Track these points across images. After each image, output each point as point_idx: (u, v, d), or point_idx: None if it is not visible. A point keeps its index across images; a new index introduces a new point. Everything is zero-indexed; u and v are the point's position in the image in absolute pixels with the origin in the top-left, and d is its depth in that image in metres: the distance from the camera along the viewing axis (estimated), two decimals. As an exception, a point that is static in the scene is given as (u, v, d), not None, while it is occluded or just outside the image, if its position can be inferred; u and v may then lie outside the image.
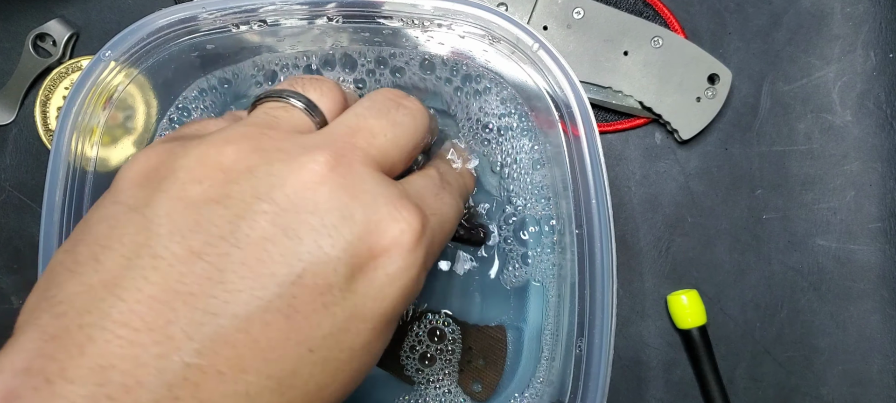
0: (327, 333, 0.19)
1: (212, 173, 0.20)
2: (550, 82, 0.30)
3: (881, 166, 0.36)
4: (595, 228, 0.29)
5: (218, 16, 0.30)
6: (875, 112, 0.36)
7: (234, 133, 0.21)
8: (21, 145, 0.37)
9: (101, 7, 0.38)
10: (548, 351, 0.33)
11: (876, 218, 0.36)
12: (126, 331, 0.17)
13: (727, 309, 0.36)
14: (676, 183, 0.37)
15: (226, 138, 0.21)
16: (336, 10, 0.30)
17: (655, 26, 0.35)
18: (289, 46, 0.33)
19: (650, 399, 0.36)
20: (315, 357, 0.19)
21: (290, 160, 0.20)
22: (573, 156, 0.30)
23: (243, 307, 0.18)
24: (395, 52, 0.33)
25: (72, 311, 0.18)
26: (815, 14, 0.37)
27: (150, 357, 0.17)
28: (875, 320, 0.36)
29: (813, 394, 0.36)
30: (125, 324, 0.18)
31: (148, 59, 0.31)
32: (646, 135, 0.37)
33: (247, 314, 0.18)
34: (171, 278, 0.18)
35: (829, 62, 0.37)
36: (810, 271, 0.36)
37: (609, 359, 0.29)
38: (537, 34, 0.30)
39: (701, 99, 0.35)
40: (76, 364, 0.17)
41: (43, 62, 0.37)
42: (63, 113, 0.29)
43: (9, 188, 0.37)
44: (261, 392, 0.18)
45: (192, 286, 0.18)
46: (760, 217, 0.36)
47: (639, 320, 0.36)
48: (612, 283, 0.29)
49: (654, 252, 0.37)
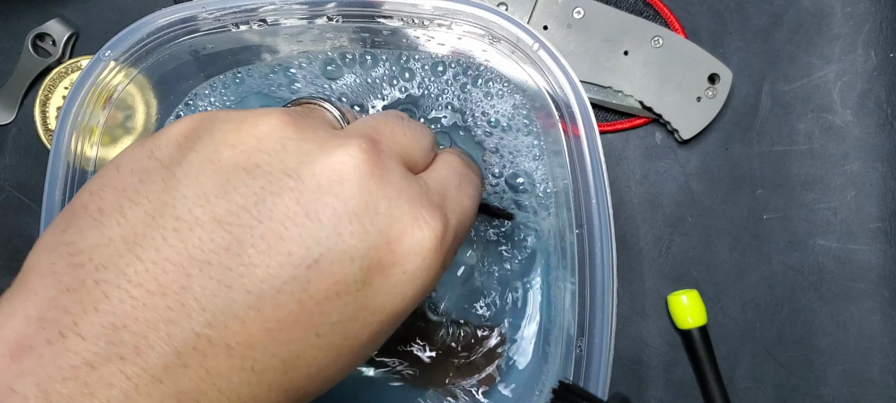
0: (336, 321, 0.20)
1: (245, 139, 0.20)
2: (550, 82, 0.30)
3: (882, 166, 0.36)
4: (595, 228, 0.29)
5: (218, 15, 0.30)
6: (876, 112, 0.36)
7: (274, 111, 0.22)
8: (21, 145, 0.37)
9: (100, 7, 0.38)
10: (548, 352, 0.33)
11: (876, 218, 0.36)
12: (140, 292, 0.18)
13: (727, 309, 0.36)
14: (677, 182, 0.37)
15: (266, 112, 0.21)
16: (336, 9, 0.30)
17: (655, 26, 0.35)
18: (289, 46, 0.33)
19: (650, 399, 0.36)
20: (321, 341, 0.19)
21: (322, 142, 0.21)
22: (573, 156, 0.30)
23: (257, 284, 0.18)
24: (401, 53, 0.33)
25: (89, 264, 0.18)
26: (816, 14, 0.37)
27: (161, 321, 0.17)
28: (875, 320, 0.36)
29: (813, 394, 0.36)
30: (140, 285, 0.18)
31: (148, 59, 0.31)
32: (646, 135, 0.37)
33: (260, 292, 0.18)
34: (191, 243, 0.18)
35: (830, 62, 0.37)
36: (811, 271, 0.36)
37: (609, 359, 0.29)
38: (537, 34, 0.30)
39: (701, 99, 0.35)
40: (90, 320, 0.17)
41: (43, 62, 0.37)
42: (63, 113, 0.29)
43: (8, 188, 0.37)
44: (265, 370, 0.19)
45: (210, 254, 0.18)
46: (761, 217, 0.36)
47: (639, 320, 0.36)
48: (612, 283, 0.29)
49: (654, 252, 0.36)
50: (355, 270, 0.20)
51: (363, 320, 0.20)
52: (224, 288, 0.18)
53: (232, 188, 0.19)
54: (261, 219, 0.19)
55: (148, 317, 0.17)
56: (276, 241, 0.19)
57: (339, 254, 0.19)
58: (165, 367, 0.17)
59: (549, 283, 0.33)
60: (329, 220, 0.19)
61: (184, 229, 0.18)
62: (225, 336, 0.18)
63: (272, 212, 0.19)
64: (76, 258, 0.18)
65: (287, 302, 0.19)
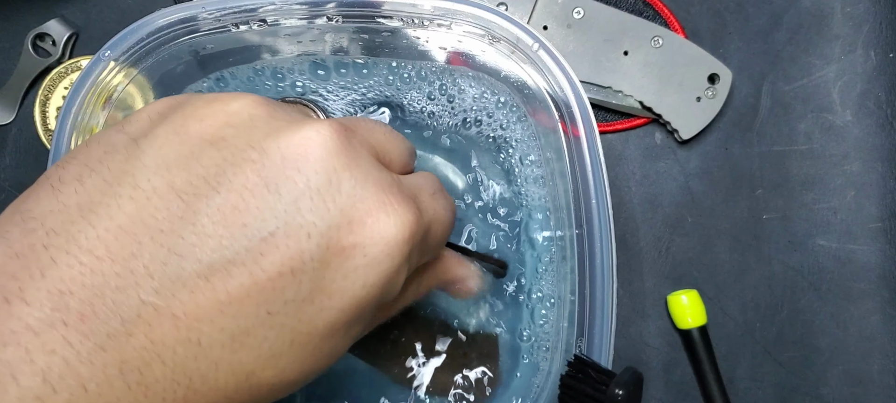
0: (289, 299, 0.19)
1: (214, 114, 0.20)
2: (550, 82, 0.30)
3: (881, 166, 0.36)
4: (595, 228, 0.29)
5: (218, 15, 0.30)
6: (875, 112, 0.36)
7: (249, 94, 0.21)
8: (21, 145, 0.37)
9: (100, 7, 0.38)
10: (548, 351, 0.33)
11: (876, 218, 0.36)
12: (89, 259, 0.17)
13: (727, 309, 0.36)
14: (676, 183, 0.37)
15: (240, 93, 0.21)
16: (336, 9, 0.30)
17: (655, 26, 0.35)
18: (288, 46, 0.33)
19: (650, 399, 0.36)
20: (272, 321, 0.19)
21: (292, 120, 0.20)
22: (573, 156, 0.30)
23: (209, 254, 0.18)
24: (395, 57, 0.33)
25: (41, 229, 0.18)
26: (816, 14, 0.37)
27: (108, 288, 0.17)
28: (875, 320, 0.36)
29: (813, 394, 0.36)
30: (90, 251, 0.17)
31: (147, 59, 0.31)
32: (646, 135, 0.37)
33: (211, 262, 0.18)
34: (145, 211, 0.18)
35: (830, 62, 0.37)
36: (810, 271, 0.36)
37: (609, 359, 0.29)
38: (537, 34, 0.30)
39: (701, 99, 0.35)
40: (36, 285, 0.17)
41: (42, 62, 0.37)
42: (63, 112, 0.29)
43: (8, 188, 0.37)
44: (212, 345, 0.18)
45: (163, 223, 0.18)
46: (761, 217, 0.36)
47: (639, 320, 0.36)
48: (612, 283, 0.29)
49: (654, 252, 0.36)
50: (312, 247, 0.19)
51: (319, 303, 0.20)
52: (174, 256, 0.18)
53: (194, 159, 0.19)
54: (219, 190, 0.18)
55: (95, 283, 0.17)
56: (232, 212, 0.18)
57: (295, 229, 0.19)
58: (109, 335, 0.17)
59: (548, 284, 0.33)
60: (288, 194, 0.19)
61: (140, 197, 0.18)
62: (172, 305, 0.18)
63: (231, 183, 0.19)
64: (29, 224, 0.18)
65: (238, 273, 0.18)
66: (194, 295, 0.18)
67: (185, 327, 0.18)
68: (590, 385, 0.27)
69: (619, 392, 0.26)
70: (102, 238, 0.18)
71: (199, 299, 0.18)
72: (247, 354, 0.19)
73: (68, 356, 0.17)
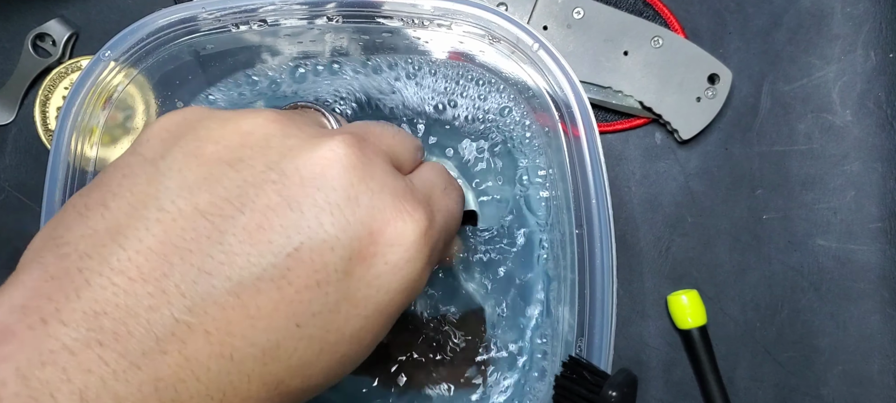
0: (317, 311, 0.20)
1: (229, 135, 0.21)
2: (550, 82, 0.30)
3: (881, 166, 0.36)
4: (595, 228, 0.29)
5: (218, 16, 0.30)
6: (875, 112, 0.36)
7: (260, 110, 0.22)
8: (21, 145, 0.37)
9: (101, 7, 0.38)
10: (547, 352, 0.33)
11: (876, 218, 0.36)
12: (122, 279, 0.18)
13: (727, 309, 0.36)
14: (676, 183, 0.37)
15: (251, 111, 0.22)
16: (336, 9, 0.30)
17: (655, 26, 0.35)
18: (289, 46, 0.33)
19: (650, 399, 0.36)
20: (301, 333, 0.20)
21: (306, 138, 0.21)
22: (573, 157, 0.30)
23: (238, 271, 0.19)
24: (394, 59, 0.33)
25: (74, 253, 0.18)
26: (816, 14, 0.37)
27: (141, 308, 0.18)
28: (875, 320, 0.36)
29: (813, 394, 0.36)
30: (122, 272, 0.18)
31: (148, 59, 0.31)
32: (646, 135, 0.37)
33: (240, 278, 0.19)
34: (173, 232, 0.19)
35: (830, 62, 0.37)
36: (810, 271, 0.36)
37: (609, 359, 0.29)
38: (537, 34, 0.30)
39: (701, 99, 0.35)
40: (71, 306, 0.17)
41: (42, 62, 0.37)
42: (63, 113, 0.29)
43: (8, 188, 0.37)
44: (244, 359, 0.19)
45: (191, 243, 0.19)
46: (760, 217, 0.36)
47: (639, 320, 0.36)
48: (612, 283, 0.29)
49: (654, 252, 0.36)
50: (336, 259, 0.20)
51: (345, 312, 0.20)
52: (204, 275, 0.18)
53: (215, 180, 0.19)
54: (243, 210, 0.19)
55: (128, 304, 0.18)
56: (257, 230, 0.19)
57: (319, 243, 0.19)
58: (144, 353, 0.17)
59: (548, 284, 0.33)
60: (310, 211, 0.20)
61: (166, 219, 0.19)
62: (204, 322, 0.18)
63: (254, 203, 0.19)
64: (62, 249, 0.19)
65: (267, 288, 0.19)
66: (225, 312, 0.18)
67: (218, 342, 0.18)
68: (584, 386, 0.27)
69: (613, 393, 0.26)
70: (133, 259, 0.18)
71: (231, 315, 0.18)
72: (277, 366, 0.19)
73: (104, 375, 0.17)
